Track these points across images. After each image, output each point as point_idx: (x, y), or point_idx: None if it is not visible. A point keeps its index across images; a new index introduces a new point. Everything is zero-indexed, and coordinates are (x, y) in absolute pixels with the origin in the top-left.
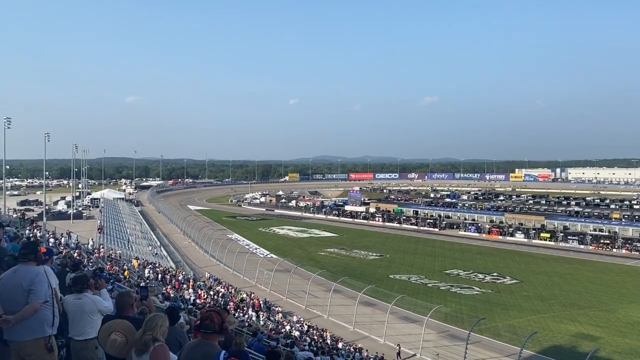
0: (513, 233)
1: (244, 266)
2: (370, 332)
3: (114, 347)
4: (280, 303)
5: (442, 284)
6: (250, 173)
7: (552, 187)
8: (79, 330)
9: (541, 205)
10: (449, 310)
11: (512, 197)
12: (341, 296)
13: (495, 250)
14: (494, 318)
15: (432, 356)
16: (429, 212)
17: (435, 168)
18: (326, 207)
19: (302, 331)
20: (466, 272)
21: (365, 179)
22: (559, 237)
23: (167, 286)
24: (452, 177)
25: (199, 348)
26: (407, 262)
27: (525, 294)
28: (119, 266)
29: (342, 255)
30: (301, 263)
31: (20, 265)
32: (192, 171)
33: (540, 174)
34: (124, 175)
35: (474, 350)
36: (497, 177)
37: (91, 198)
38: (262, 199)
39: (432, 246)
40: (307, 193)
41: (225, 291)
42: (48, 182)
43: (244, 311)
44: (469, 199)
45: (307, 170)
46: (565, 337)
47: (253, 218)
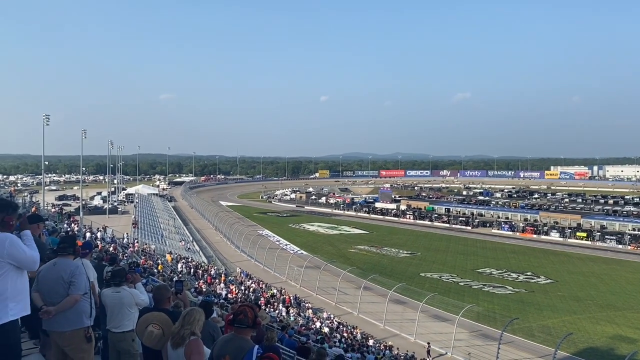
0: (548, 232)
1: (274, 262)
2: (400, 330)
3: (151, 339)
4: (310, 299)
5: (474, 282)
6: (280, 169)
7: (589, 185)
8: (117, 323)
9: (577, 204)
10: (481, 309)
11: (547, 195)
12: (371, 294)
13: (529, 249)
14: (528, 318)
15: (463, 355)
16: (461, 210)
17: (467, 165)
18: (356, 204)
19: (332, 328)
20: (499, 271)
21: (396, 176)
22: (595, 236)
23: (200, 281)
24: (485, 174)
25: (233, 342)
26: (439, 261)
27: (560, 294)
28: (152, 260)
29: (372, 252)
30: (331, 260)
31: (59, 258)
32: (224, 167)
33: (576, 172)
34: (158, 171)
35: (507, 351)
36: (531, 174)
37: (126, 193)
38: (293, 195)
39: (464, 244)
40: (337, 190)
41: (256, 286)
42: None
43: (274, 307)
44: (503, 197)
45: (337, 167)
46: (602, 339)
47: (283, 214)
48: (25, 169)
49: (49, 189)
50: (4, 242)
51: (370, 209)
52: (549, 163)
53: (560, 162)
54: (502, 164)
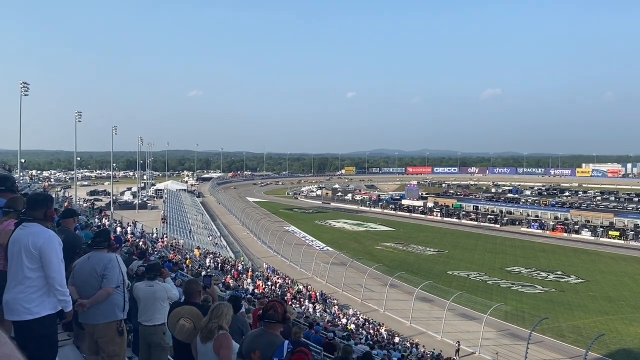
0: (579, 230)
1: (300, 258)
2: (427, 328)
3: (182, 332)
4: (336, 296)
5: (502, 281)
6: (306, 166)
7: (622, 183)
8: (148, 316)
9: (610, 202)
10: (509, 308)
11: (579, 193)
12: (397, 291)
13: (559, 247)
14: (557, 318)
15: (491, 355)
16: (489, 208)
17: (496, 162)
18: (382, 201)
19: (358, 324)
20: (528, 269)
21: (423, 173)
22: (629, 235)
23: (227, 276)
24: (515, 171)
25: (262, 337)
26: (466, 259)
27: (592, 294)
28: (181, 255)
29: (398, 249)
30: (357, 257)
31: (93, 252)
32: (251, 164)
33: (609, 169)
34: (186, 167)
35: (536, 350)
36: (562, 172)
37: (155, 189)
38: (319, 192)
39: (493, 243)
40: (363, 186)
41: (282, 282)
42: (115, 174)
43: (300, 302)
44: (532, 195)
45: (363, 164)
46: (635, 340)
47: (309, 211)
48: (58, 164)
49: (81, 185)
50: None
51: (396, 205)
52: (580, 160)
53: (592, 159)
54: (532, 161)
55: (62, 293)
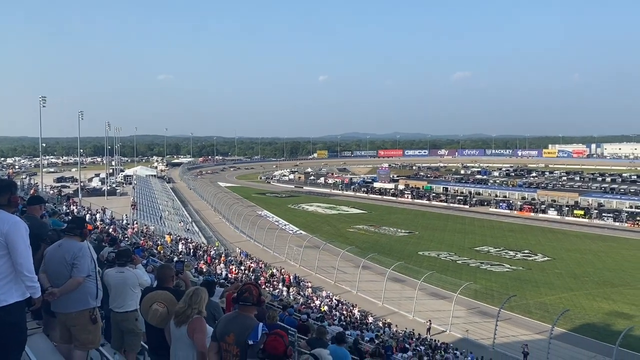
0: (545, 210)
1: (273, 242)
2: (399, 307)
3: (155, 317)
4: (310, 278)
5: (471, 260)
6: (278, 150)
7: (586, 163)
8: (120, 303)
9: (575, 182)
10: (478, 287)
11: (545, 174)
12: (370, 272)
13: (526, 227)
14: (525, 295)
15: (461, 332)
16: (459, 189)
17: (465, 144)
18: (355, 184)
19: (331, 306)
20: (496, 249)
21: (394, 156)
22: (593, 214)
23: (200, 261)
24: (483, 153)
25: (237, 320)
26: (437, 239)
27: (558, 272)
28: (152, 241)
29: (371, 232)
30: (330, 239)
31: (65, 240)
32: (222, 148)
33: (574, 150)
34: (156, 152)
35: (504, 327)
36: (529, 153)
37: (124, 175)
38: (291, 176)
39: (462, 223)
40: (335, 170)
41: (255, 266)
42: (82, 160)
43: (274, 286)
44: (501, 176)
45: (335, 147)
46: (599, 315)
47: (282, 195)
48: (23, 151)
49: (47, 171)
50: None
51: (368, 188)
52: (547, 141)
53: (558, 140)
54: (500, 143)
55: (30, 279)
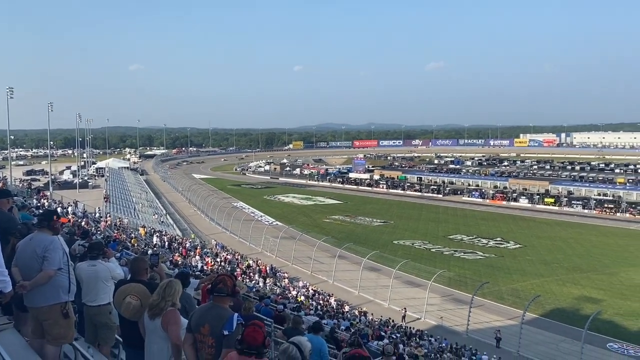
0: (517, 198)
1: (249, 234)
2: (375, 296)
3: (128, 310)
4: (286, 269)
5: (445, 249)
6: (254, 141)
7: (556, 152)
8: (93, 297)
9: (545, 171)
10: (452, 274)
11: (517, 163)
12: (346, 262)
13: (498, 215)
14: (497, 282)
15: (436, 319)
16: (432, 179)
17: (439, 134)
18: (330, 175)
19: (308, 296)
20: (469, 237)
21: (370, 146)
22: (563, 202)
23: (175, 254)
24: (456, 143)
25: (212, 311)
26: (411, 228)
27: (529, 259)
28: (126, 234)
29: (346, 222)
30: (306, 230)
31: (36, 233)
32: (196, 140)
33: (545, 139)
34: (128, 144)
35: (477, 314)
36: (501, 142)
37: (96, 167)
38: (267, 167)
39: (436, 212)
40: (311, 161)
41: (231, 258)
42: (53, 152)
43: (250, 277)
44: (473, 165)
45: (311, 138)
46: (568, 300)
47: (258, 186)
48: None
49: (16, 164)
50: None
51: (344, 179)
52: (518, 131)
53: (529, 129)
54: (473, 133)
55: (0, 273)
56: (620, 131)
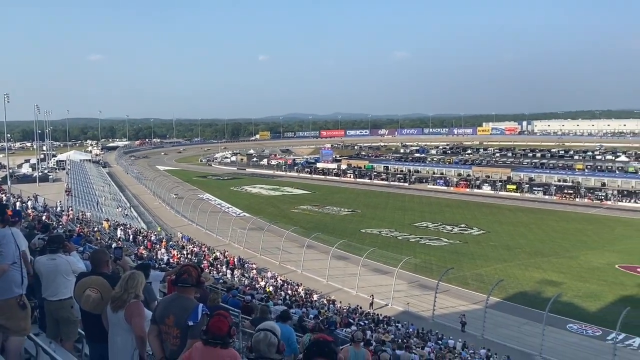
0: (480, 185)
1: (216, 225)
2: (343, 284)
3: (88, 303)
4: (255, 260)
5: (411, 236)
6: (219, 132)
7: (518, 140)
8: (53, 291)
9: (507, 158)
10: (418, 261)
11: (480, 151)
12: (314, 251)
13: (463, 202)
14: (462, 267)
15: (402, 305)
16: (398, 168)
17: (404, 124)
18: (298, 165)
19: (276, 286)
20: (435, 224)
21: (337, 136)
22: (524, 188)
23: (140, 247)
24: (422, 132)
25: (176, 302)
26: (378, 217)
27: (492, 244)
28: (89, 228)
29: (314, 211)
30: (274, 220)
31: None
32: (160, 131)
33: (507, 127)
34: (90, 136)
35: (443, 299)
36: (465, 131)
37: (57, 160)
38: (233, 158)
39: (402, 200)
40: (278, 151)
41: (198, 250)
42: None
43: (217, 269)
44: (438, 154)
45: (278, 128)
46: (530, 283)
47: (224, 177)
48: None
49: None
50: None
51: (311, 169)
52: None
53: (491, 118)
54: (437, 122)
55: None
56: (579, 119)
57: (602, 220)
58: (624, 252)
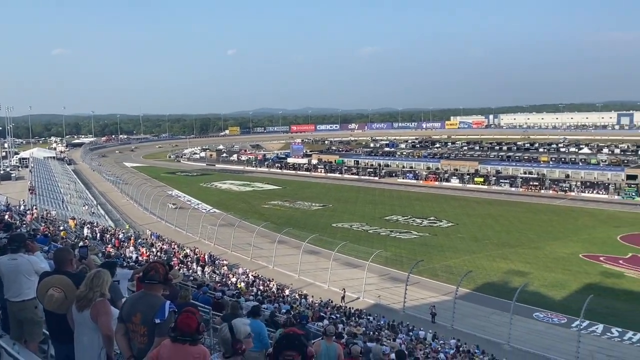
0: (449, 179)
1: (186, 222)
2: (315, 279)
3: (52, 303)
4: (226, 256)
5: (382, 229)
6: (188, 127)
7: (485, 133)
8: (15, 292)
9: (475, 151)
10: (389, 254)
11: (448, 144)
12: (286, 246)
13: (432, 195)
14: (432, 260)
15: (374, 298)
16: (369, 162)
17: (374, 118)
18: (268, 160)
19: (248, 282)
20: (405, 217)
21: (307, 131)
22: (491, 181)
23: (107, 245)
24: (391, 126)
25: (143, 299)
26: (349, 211)
27: (461, 236)
28: (54, 227)
29: (285, 207)
30: (245, 216)
31: None
32: (126, 127)
33: (474, 121)
34: (54, 132)
35: (413, 291)
36: (433, 125)
37: (19, 158)
38: (202, 153)
39: (373, 194)
40: (248, 146)
41: (168, 247)
42: None
43: (188, 266)
44: (407, 148)
45: (247, 124)
46: (498, 274)
47: (193, 173)
48: None
49: None
50: None
51: (282, 164)
52: (449, 113)
53: (459, 112)
54: (406, 116)
55: None
56: (544, 112)
57: (567, 211)
58: (587, 241)
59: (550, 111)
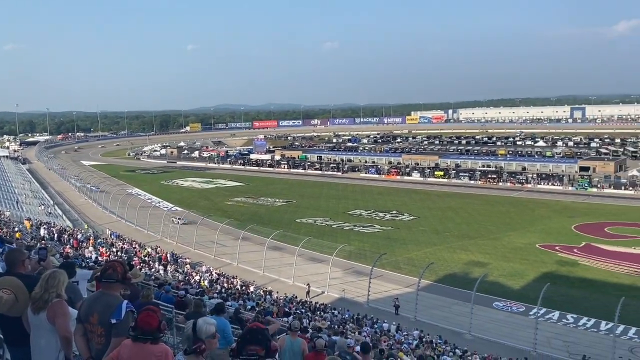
0: (410, 173)
1: (147, 221)
2: (279, 274)
3: (1, 305)
4: (188, 255)
5: (345, 224)
6: (147, 124)
7: (445, 128)
8: None
9: (435, 145)
10: (352, 248)
11: (409, 139)
12: (250, 243)
13: (394, 189)
14: (394, 253)
15: (338, 292)
16: (332, 157)
17: (336, 113)
18: (231, 157)
19: (211, 280)
20: (367, 211)
21: (270, 127)
22: (451, 174)
23: (65, 246)
24: (353, 122)
25: (101, 299)
26: (313, 206)
27: (422, 229)
28: (9, 228)
29: (249, 203)
30: (208, 214)
31: None
32: (83, 124)
33: (434, 116)
34: (6, 131)
35: (377, 284)
36: (394, 120)
37: None
38: (163, 151)
39: (336, 189)
40: (210, 143)
41: (128, 247)
42: None
43: (149, 265)
44: (369, 143)
45: (209, 120)
46: (459, 265)
47: (154, 171)
48: None
49: None
50: None
51: (245, 160)
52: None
53: (419, 107)
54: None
55: None
56: (501, 107)
57: (523, 203)
58: (543, 232)
59: (507, 105)
